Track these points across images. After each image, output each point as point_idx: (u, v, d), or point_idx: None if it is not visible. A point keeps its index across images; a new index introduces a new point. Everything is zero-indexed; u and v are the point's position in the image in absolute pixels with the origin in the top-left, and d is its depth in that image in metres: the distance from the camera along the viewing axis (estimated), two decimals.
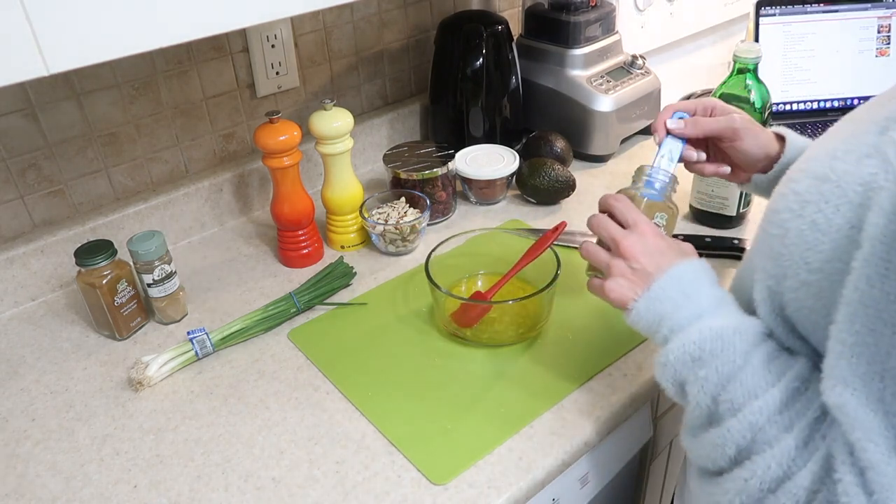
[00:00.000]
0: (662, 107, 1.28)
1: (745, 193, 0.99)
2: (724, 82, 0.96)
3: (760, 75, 0.94)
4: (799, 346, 0.54)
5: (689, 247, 0.67)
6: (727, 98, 0.96)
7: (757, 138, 0.75)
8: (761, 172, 0.77)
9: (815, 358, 0.52)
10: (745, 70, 0.93)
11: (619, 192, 0.73)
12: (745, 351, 0.54)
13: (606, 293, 0.65)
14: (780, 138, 0.77)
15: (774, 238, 0.53)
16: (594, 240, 0.71)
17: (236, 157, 1.12)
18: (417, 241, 1.02)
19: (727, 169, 0.78)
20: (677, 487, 0.79)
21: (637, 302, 0.62)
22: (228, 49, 1.04)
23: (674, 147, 0.76)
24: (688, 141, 0.77)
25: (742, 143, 0.75)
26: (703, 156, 0.78)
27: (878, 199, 0.44)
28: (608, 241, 0.67)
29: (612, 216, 0.68)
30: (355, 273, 0.96)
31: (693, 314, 0.59)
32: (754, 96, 0.94)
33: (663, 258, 0.63)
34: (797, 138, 0.76)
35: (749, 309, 0.58)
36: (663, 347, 0.60)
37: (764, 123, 0.95)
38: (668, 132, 0.76)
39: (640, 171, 0.74)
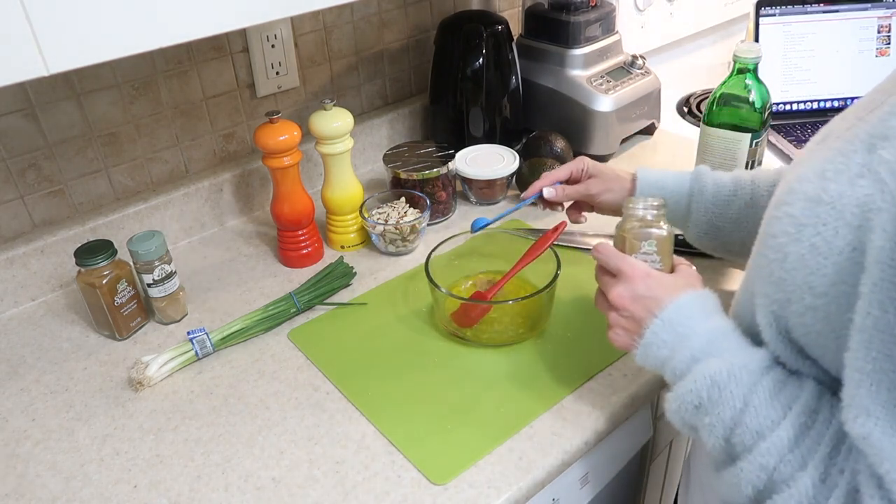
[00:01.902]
0: (661, 105, 1.29)
1: None
2: (724, 82, 0.96)
3: (760, 75, 0.94)
4: (808, 367, 0.53)
5: (687, 274, 0.67)
6: (727, 98, 0.96)
7: (612, 192, 0.87)
8: None
9: (825, 378, 0.52)
10: (745, 70, 0.93)
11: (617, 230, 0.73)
12: (744, 394, 0.54)
13: (611, 341, 0.67)
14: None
15: (774, 262, 0.51)
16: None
17: (236, 157, 1.12)
18: (417, 241, 1.02)
19: (584, 218, 0.93)
20: (680, 486, 0.79)
21: (637, 350, 0.64)
22: (228, 49, 1.04)
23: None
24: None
25: (601, 201, 0.88)
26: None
27: (880, 221, 0.43)
28: (604, 293, 0.69)
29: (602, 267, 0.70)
30: (355, 273, 0.96)
31: (689, 357, 0.59)
32: (754, 96, 0.94)
33: (653, 301, 0.63)
34: (648, 175, 0.86)
35: (753, 332, 0.58)
36: (669, 393, 0.60)
37: (764, 123, 0.95)
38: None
39: (627, 202, 0.72)
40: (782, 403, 0.52)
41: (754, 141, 0.95)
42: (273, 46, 1.07)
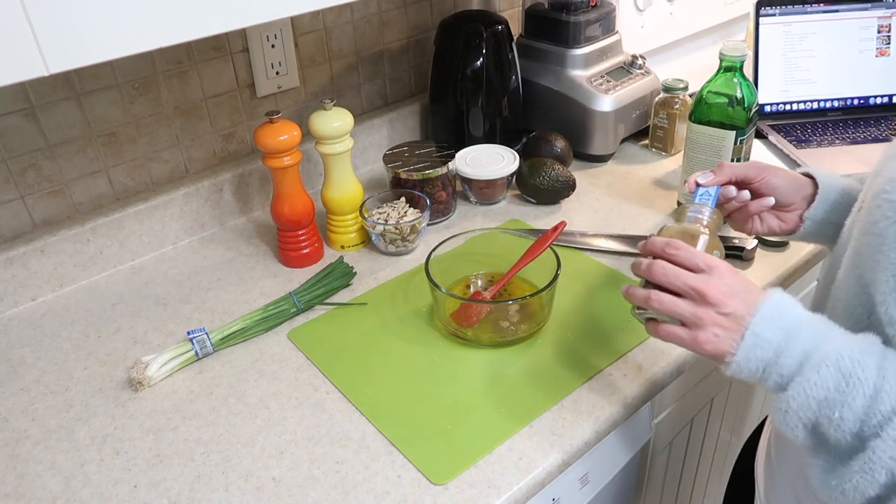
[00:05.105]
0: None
1: None
2: (711, 80, 0.96)
3: (761, 75, 0.94)
4: None
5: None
6: (713, 96, 0.97)
7: (781, 175, 0.75)
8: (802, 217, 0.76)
9: None
10: (731, 68, 0.94)
11: (662, 230, 0.68)
12: (874, 379, 0.52)
13: (702, 346, 0.59)
14: (810, 178, 0.76)
15: (875, 247, 0.54)
16: (635, 280, 0.67)
17: (236, 157, 1.12)
18: (417, 241, 1.02)
19: (771, 200, 0.75)
20: (761, 487, 0.78)
21: (735, 355, 0.58)
22: (228, 49, 1.04)
23: (710, 190, 0.74)
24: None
25: (770, 179, 0.74)
26: (747, 194, 0.75)
27: None
28: (687, 290, 0.60)
29: (676, 264, 0.62)
30: (355, 273, 0.96)
31: (801, 353, 0.55)
32: (740, 94, 0.94)
33: (749, 295, 0.59)
34: (826, 176, 0.75)
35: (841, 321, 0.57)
36: (779, 394, 0.56)
37: (750, 121, 0.96)
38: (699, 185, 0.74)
39: (681, 208, 0.70)
40: None
41: (739, 139, 0.96)
42: (273, 46, 1.07)
